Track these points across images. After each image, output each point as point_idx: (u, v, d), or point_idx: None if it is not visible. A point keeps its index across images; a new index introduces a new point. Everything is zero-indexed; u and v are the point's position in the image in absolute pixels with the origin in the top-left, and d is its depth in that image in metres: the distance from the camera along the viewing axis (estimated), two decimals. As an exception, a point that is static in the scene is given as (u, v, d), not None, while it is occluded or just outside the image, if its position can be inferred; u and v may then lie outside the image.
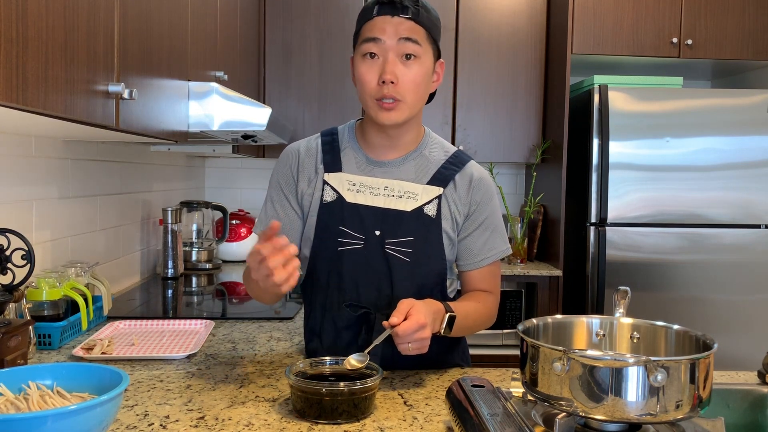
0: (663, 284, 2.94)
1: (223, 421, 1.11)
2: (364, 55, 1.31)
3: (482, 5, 3.29)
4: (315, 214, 1.38)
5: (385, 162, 1.40)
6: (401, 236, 1.35)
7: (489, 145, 3.34)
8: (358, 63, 1.33)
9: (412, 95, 1.31)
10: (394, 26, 1.28)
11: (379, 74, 1.29)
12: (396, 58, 1.29)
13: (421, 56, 1.30)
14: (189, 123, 1.79)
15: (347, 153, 1.41)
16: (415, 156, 1.41)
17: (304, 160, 1.42)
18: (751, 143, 2.92)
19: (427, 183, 1.39)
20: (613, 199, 2.91)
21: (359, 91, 1.34)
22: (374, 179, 1.38)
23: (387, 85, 1.28)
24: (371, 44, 1.30)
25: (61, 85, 1.05)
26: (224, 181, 3.67)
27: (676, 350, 1.11)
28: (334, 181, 1.38)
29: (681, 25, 3.08)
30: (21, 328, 1.29)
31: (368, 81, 1.30)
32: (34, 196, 1.75)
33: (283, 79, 3.27)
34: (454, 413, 1.04)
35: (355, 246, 1.35)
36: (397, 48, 1.29)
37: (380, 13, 1.29)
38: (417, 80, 1.31)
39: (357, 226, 1.35)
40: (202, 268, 2.86)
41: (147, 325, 1.80)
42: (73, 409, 0.90)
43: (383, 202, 1.36)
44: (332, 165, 1.39)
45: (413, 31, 1.29)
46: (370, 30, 1.30)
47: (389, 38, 1.28)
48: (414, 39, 1.29)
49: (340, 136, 1.44)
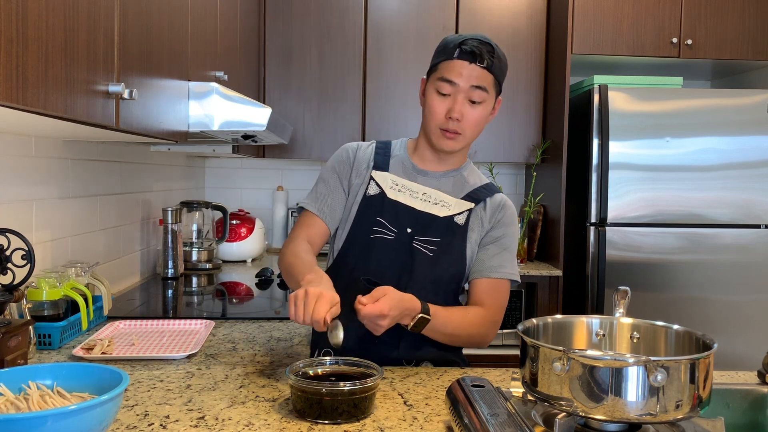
0: (663, 284, 2.94)
1: (223, 421, 1.11)
2: (438, 90, 1.46)
3: (482, 5, 3.29)
4: (358, 204, 1.52)
5: (429, 172, 1.55)
6: (430, 236, 1.48)
7: (489, 145, 3.33)
8: (430, 94, 1.48)
9: (471, 131, 1.48)
10: (469, 72, 1.43)
11: (447, 109, 1.45)
12: (465, 99, 1.45)
13: (485, 101, 1.46)
14: (189, 123, 1.79)
15: (396, 159, 1.57)
16: (455, 174, 1.56)
17: (360, 156, 1.57)
18: (751, 143, 2.92)
19: (461, 198, 1.53)
20: (613, 199, 2.91)
21: (426, 118, 1.50)
22: (416, 185, 1.54)
23: (453, 121, 1.45)
24: (446, 85, 1.45)
25: (61, 85, 1.05)
26: (224, 181, 3.67)
27: (676, 350, 1.11)
28: (380, 179, 1.53)
29: (681, 25, 3.08)
30: (21, 328, 1.29)
31: (438, 113, 1.47)
32: (34, 196, 1.75)
33: (283, 79, 3.27)
34: (454, 413, 1.04)
35: (386, 237, 1.48)
36: (467, 92, 1.44)
37: (460, 57, 1.43)
38: (478, 120, 1.47)
39: (392, 220, 1.49)
40: (202, 268, 2.86)
41: (147, 325, 1.80)
42: (73, 409, 0.90)
43: (420, 205, 1.50)
44: (381, 165, 1.56)
45: (484, 79, 1.44)
46: (448, 71, 1.44)
47: (463, 83, 1.44)
48: (483, 87, 1.44)
49: (392, 146, 1.61)
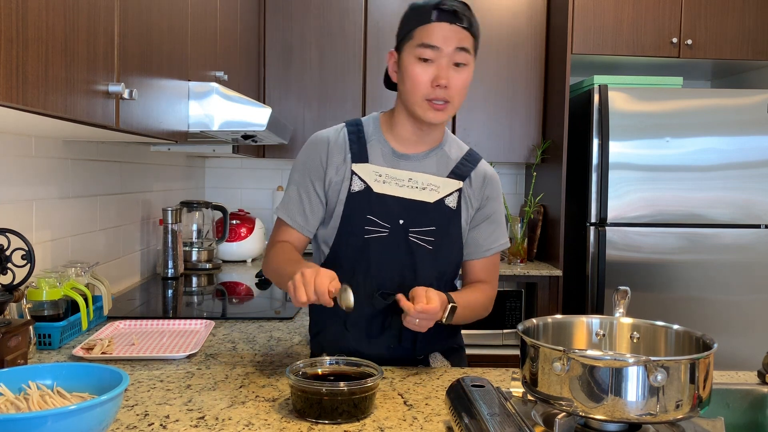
0: (663, 284, 2.94)
1: (223, 421, 1.11)
2: (419, 57, 1.36)
3: (482, 5, 3.29)
4: (342, 203, 1.43)
5: (410, 155, 1.46)
6: (424, 225, 1.43)
7: (489, 145, 3.33)
8: (410, 63, 1.37)
9: (458, 98, 1.40)
10: (452, 34, 1.35)
11: (432, 77, 1.36)
12: (449, 63, 1.36)
13: (469, 64, 1.39)
14: (189, 123, 1.79)
15: (373, 145, 1.47)
16: (437, 151, 1.49)
17: (333, 149, 1.46)
18: (751, 143, 2.92)
19: (446, 176, 1.46)
20: (613, 199, 2.91)
21: (408, 89, 1.39)
22: (399, 171, 1.45)
23: (441, 88, 1.35)
24: (428, 50, 1.35)
25: (61, 85, 1.05)
26: (224, 181, 3.67)
27: (676, 350, 1.11)
28: (362, 172, 1.43)
29: (681, 25, 3.08)
30: (21, 328, 1.29)
31: (422, 82, 1.36)
32: (34, 196, 1.75)
33: (283, 79, 3.27)
34: (454, 413, 1.04)
35: (380, 234, 1.42)
36: (451, 56, 1.36)
37: (439, 19, 1.34)
38: (465, 84, 1.40)
39: (383, 215, 1.42)
40: (202, 268, 2.86)
41: (147, 325, 1.80)
42: (73, 409, 0.90)
43: (408, 193, 1.43)
44: (359, 156, 1.45)
45: (467, 40, 1.37)
46: (428, 36, 1.35)
47: (446, 46, 1.35)
48: (467, 48, 1.37)
49: (365, 127, 1.49)
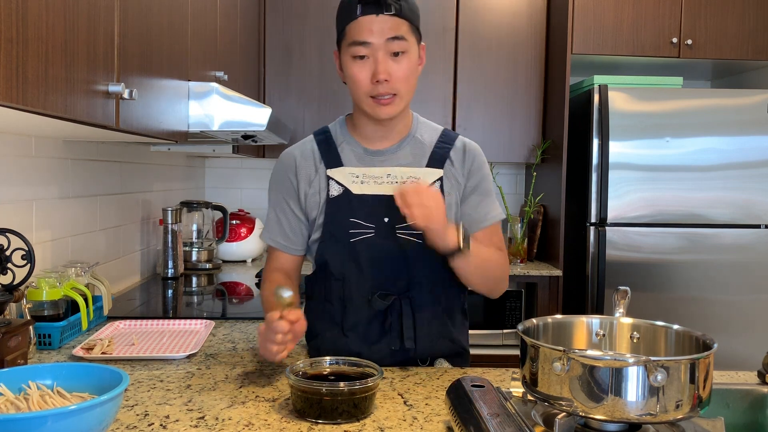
0: (663, 284, 2.94)
1: (223, 421, 1.11)
2: (353, 56, 1.33)
3: (482, 5, 3.29)
4: (323, 211, 1.40)
5: (382, 151, 1.43)
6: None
7: (489, 145, 3.33)
8: (348, 63, 1.35)
9: (405, 87, 1.35)
10: (380, 25, 1.30)
11: (371, 73, 1.32)
12: (386, 55, 1.32)
13: (408, 50, 1.34)
14: (189, 123, 1.79)
15: (344, 148, 1.44)
16: (408, 141, 1.45)
17: (301, 163, 1.44)
18: (751, 143, 2.92)
19: (426, 166, 1.42)
20: (613, 199, 2.91)
21: (352, 89, 1.37)
22: (375, 169, 1.41)
23: (381, 83, 1.32)
24: (360, 47, 1.32)
25: (61, 85, 1.05)
26: (224, 181, 3.67)
27: (676, 350, 1.11)
28: (338, 176, 1.40)
29: (681, 25, 3.08)
30: (21, 328, 1.29)
31: (361, 80, 1.33)
32: (34, 196, 1.75)
33: (283, 79, 3.27)
34: (454, 413, 1.04)
35: (366, 235, 1.38)
36: (385, 47, 1.32)
37: (364, 12, 1.30)
38: (407, 73, 1.34)
39: (366, 215, 1.38)
40: (202, 268, 2.86)
41: (147, 325, 1.80)
42: (73, 409, 0.90)
43: (388, 190, 1.38)
44: (332, 161, 1.42)
45: (399, 28, 1.32)
46: (357, 32, 1.31)
47: (377, 39, 1.31)
48: (401, 36, 1.32)
49: (333, 133, 1.47)
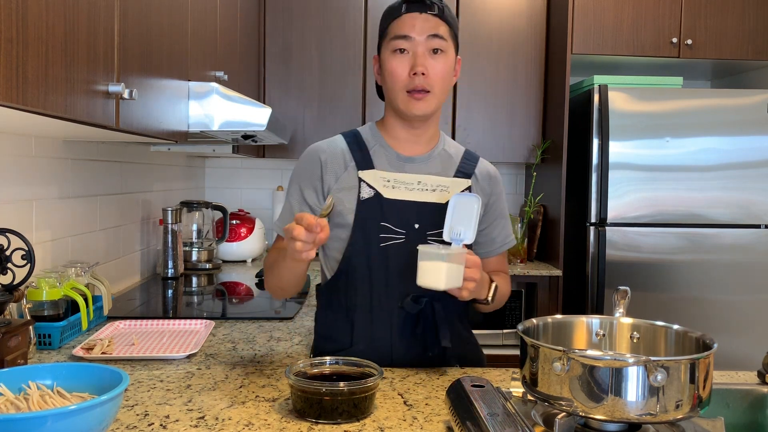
0: (663, 284, 2.94)
1: (223, 421, 1.11)
2: (394, 51, 1.39)
3: (482, 5, 3.29)
4: (352, 212, 1.40)
5: (414, 158, 1.46)
6: (440, 227, 1.37)
7: (489, 145, 3.33)
8: (387, 58, 1.40)
9: (439, 86, 1.40)
10: (422, 23, 1.37)
11: (409, 67, 1.37)
12: (425, 52, 1.37)
13: (446, 51, 1.40)
14: (189, 123, 1.79)
15: (376, 151, 1.46)
16: (439, 151, 1.49)
17: (329, 158, 1.45)
18: (751, 143, 2.92)
19: (453, 176, 1.47)
20: (613, 199, 2.91)
21: (389, 85, 1.41)
22: (407, 175, 1.44)
23: (418, 76, 1.36)
24: (401, 41, 1.38)
25: (61, 85, 1.05)
26: (224, 181, 3.67)
27: (676, 350, 1.11)
28: (369, 178, 1.42)
29: (681, 25, 3.08)
30: (21, 328, 1.29)
31: (400, 73, 1.38)
32: (34, 196, 1.75)
33: (283, 79, 3.27)
34: (454, 413, 1.04)
35: (397, 240, 1.39)
36: (426, 43, 1.37)
37: (408, 10, 1.38)
38: (444, 72, 1.40)
39: (397, 220, 1.40)
40: (202, 268, 2.85)
41: (147, 325, 1.80)
42: (73, 409, 0.90)
43: (419, 196, 1.42)
44: (364, 163, 1.44)
45: (439, 27, 1.38)
46: (399, 27, 1.38)
47: (419, 34, 1.37)
48: (440, 35, 1.38)
49: (364, 136, 1.49)
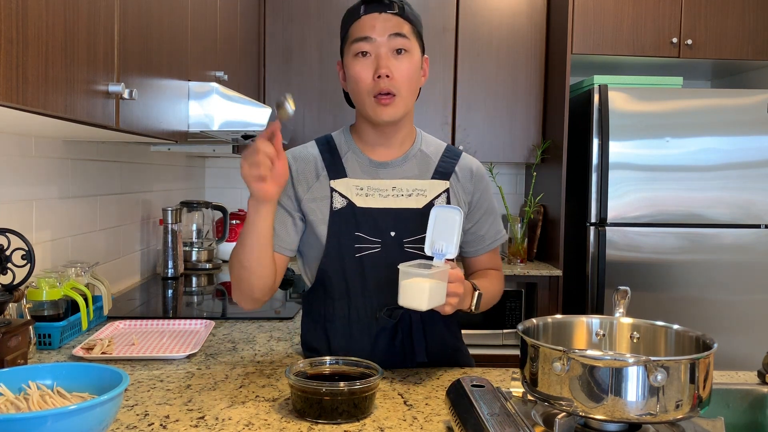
0: (663, 284, 2.94)
1: (223, 421, 1.11)
2: (356, 54, 1.33)
3: (482, 5, 3.29)
4: (325, 223, 1.36)
5: (388, 162, 1.41)
6: (418, 233, 1.34)
7: (489, 145, 3.33)
8: (350, 63, 1.34)
9: (406, 88, 1.34)
10: (382, 23, 1.32)
11: (373, 70, 1.32)
12: (388, 53, 1.32)
13: (410, 50, 1.34)
14: (189, 123, 1.79)
15: (349, 158, 1.41)
16: (414, 153, 1.43)
17: (299, 166, 1.40)
18: (751, 143, 2.92)
19: (431, 178, 1.41)
20: (613, 199, 2.91)
21: (354, 91, 1.36)
22: (380, 181, 1.39)
23: (383, 79, 1.31)
24: (363, 43, 1.32)
25: (61, 85, 1.05)
26: (224, 181, 3.67)
27: (676, 350, 1.11)
28: (342, 188, 1.37)
29: (681, 25, 3.08)
30: (21, 328, 1.29)
31: (364, 78, 1.33)
32: (34, 196, 1.75)
33: (283, 79, 3.27)
34: (454, 413, 1.04)
35: (373, 250, 1.35)
36: (388, 44, 1.32)
37: (367, 11, 1.33)
38: (410, 73, 1.34)
39: (372, 230, 1.35)
40: (202, 268, 2.85)
41: (147, 325, 1.80)
42: (73, 409, 0.90)
43: (394, 203, 1.37)
44: (336, 171, 1.39)
45: (401, 26, 1.33)
46: (360, 30, 1.33)
47: (380, 35, 1.31)
48: (403, 34, 1.33)
49: (336, 142, 1.44)
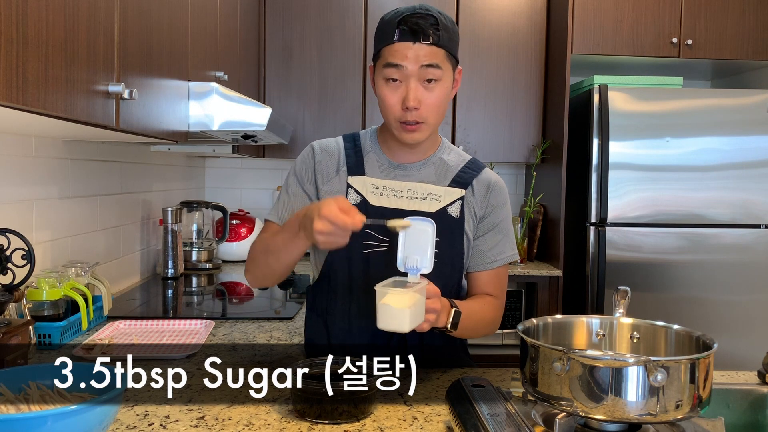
0: (663, 284, 2.94)
1: (223, 421, 1.11)
2: (387, 79, 1.32)
3: (482, 5, 3.29)
4: None
5: (407, 165, 1.42)
6: None
7: (489, 145, 3.33)
8: (380, 84, 1.33)
9: (433, 117, 1.33)
10: (415, 52, 1.28)
11: (401, 98, 1.30)
12: (418, 83, 1.30)
13: (441, 78, 1.31)
14: (189, 123, 1.79)
15: (370, 157, 1.43)
16: (434, 160, 1.44)
17: (325, 156, 1.43)
18: (751, 143, 2.92)
19: (448, 185, 1.41)
20: (613, 199, 2.91)
21: (382, 110, 1.36)
22: (397, 182, 1.40)
23: (411, 111, 1.30)
24: (393, 70, 1.30)
25: (61, 85, 1.05)
26: (224, 181, 3.66)
27: (676, 350, 1.11)
28: (358, 185, 1.39)
29: (681, 25, 3.08)
30: (21, 328, 1.29)
31: (392, 105, 1.32)
32: (34, 196, 1.75)
33: (283, 79, 3.27)
34: (454, 413, 1.04)
35: (380, 249, 1.36)
36: (418, 74, 1.29)
37: (401, 39, 1.28)
38: (438, 102, 1.32)
39: (382, 228, 1.34)
40: (202, 268, 2.85)
41: (147, 325, 1.79)
42: (73, 409, 0.90)
43: (407, 205, 1.37)
44: (356, 168, 1.40)
45: (434, 56, 1.29)
46: (391, 56, 1.30)
47: (411, 64, 1.28)
48: (435, 64, 1.29)
49: (362, 141, 1.45)
